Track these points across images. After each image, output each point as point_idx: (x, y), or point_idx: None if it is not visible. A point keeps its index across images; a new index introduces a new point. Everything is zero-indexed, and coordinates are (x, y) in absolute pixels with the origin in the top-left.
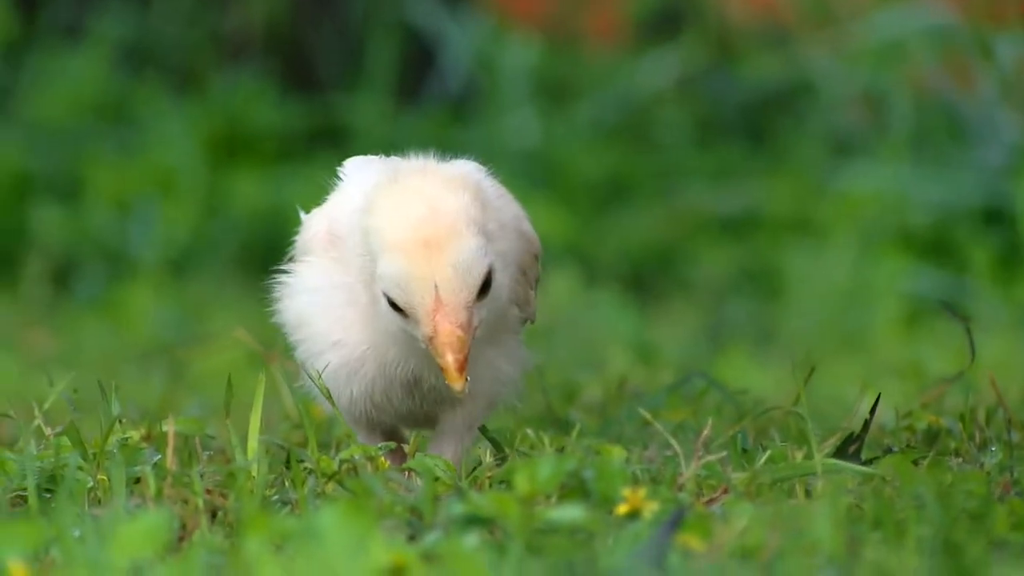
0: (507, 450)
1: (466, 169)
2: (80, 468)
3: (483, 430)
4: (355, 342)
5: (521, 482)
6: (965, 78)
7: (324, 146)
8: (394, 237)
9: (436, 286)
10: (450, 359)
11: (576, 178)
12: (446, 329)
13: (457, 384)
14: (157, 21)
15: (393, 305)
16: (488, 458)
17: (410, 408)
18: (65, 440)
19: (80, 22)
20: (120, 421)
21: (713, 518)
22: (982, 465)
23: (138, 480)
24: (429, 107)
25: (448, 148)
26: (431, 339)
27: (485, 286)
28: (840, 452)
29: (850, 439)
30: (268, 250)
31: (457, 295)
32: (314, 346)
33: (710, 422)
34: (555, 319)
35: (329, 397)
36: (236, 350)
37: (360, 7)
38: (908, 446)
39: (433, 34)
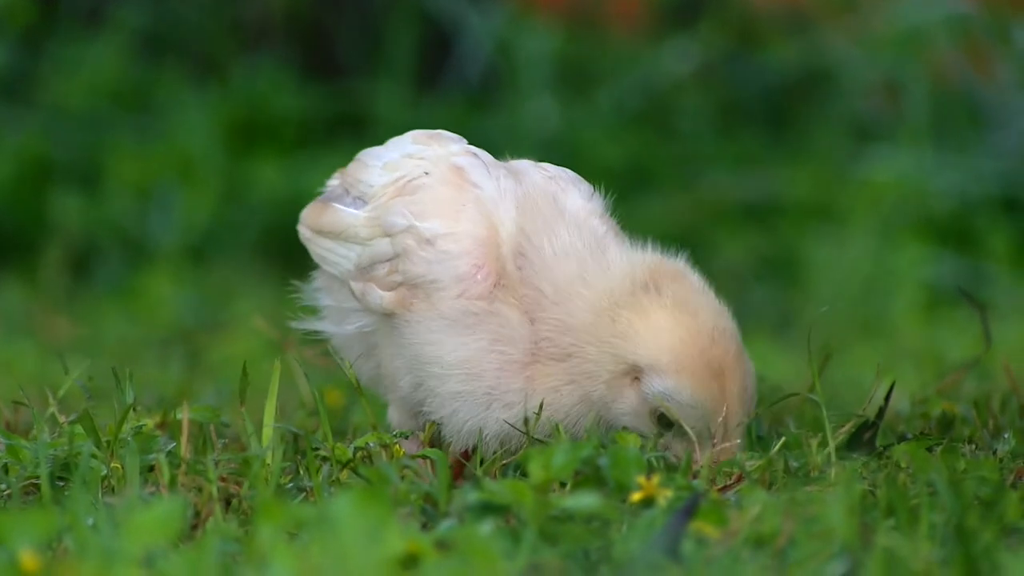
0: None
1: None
2: (94, 456)
3: None
4: (528, 407)
5: (536, 470)
6: (984, 65)
7: (344, 133)
8: (686, 361)
9: (725, 414)
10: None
11: (597, 165)
12: (728, 455)
13: None
14: (177, 8)
15: (662, 421)
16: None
17: None
18: (79, 428)
19: (100, 8)
20: (135, 409)
21: (727, 505)
22: (995, 452)
23: (152, 468)
24: (449, 94)
25: (469, 135)
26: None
27: None
28: (854, 439)
29: (865, 426)
30: (288, 237)
31: (742, 424)
32: (473, 398)
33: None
34: None
35: (356, 383)
36: (253, 337)
37: None
38: (922, 433)
39: (453, 20)
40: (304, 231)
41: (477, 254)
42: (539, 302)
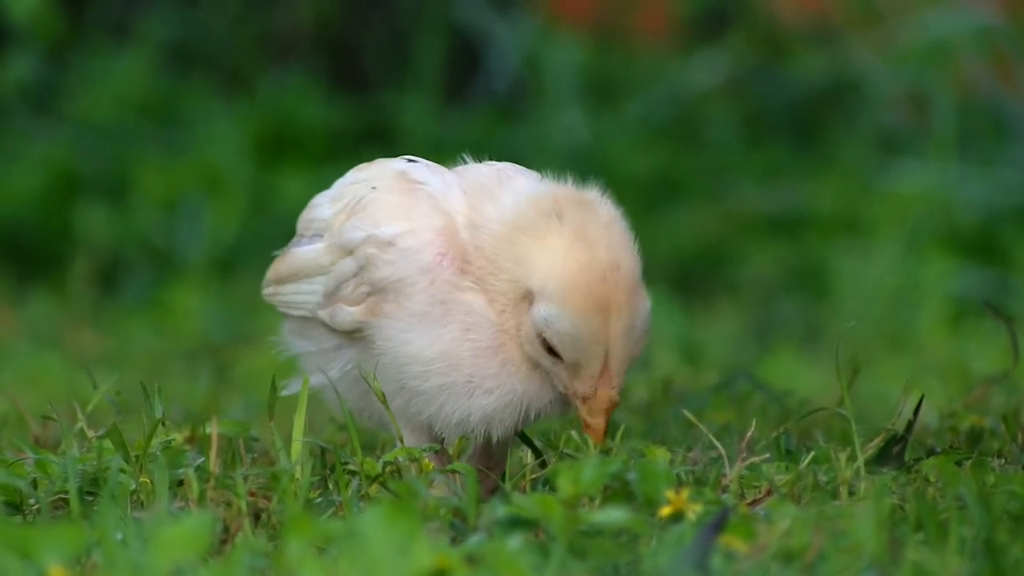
0: (547, 453)
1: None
2: (123, 471)
3: (522, 435)
4: (504, 390)
5: (565, 484)
6: (1010, 77)
7: (371, 145)
8: (572, 292)
9: (607, 351)
10: (601, 422)
11: (624, 177)
12: (605, 395)
13: (600, 443)
14: (204, 20)
15: (548, 347)
16: (530, 459)
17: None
18: (108, 443)
19: (126, 21)
20: (163, 423)
21: (756, 520)
22: None
23: (181, 483)
24: (477, 106)
25: (496, 147)
26: (585, 398)
27: None
28: (883, 453)
29: (893, 440)
30: None
31: (625, 363)
32: (456, 388)
33: (754, 423)
34: None
35: (384, 400)
36: (282, 350)
37: (408, 6)
38: (951, 447)
39: (481, 33)
40: (267, 289)
41: (438, 243)
42: (490, 261)
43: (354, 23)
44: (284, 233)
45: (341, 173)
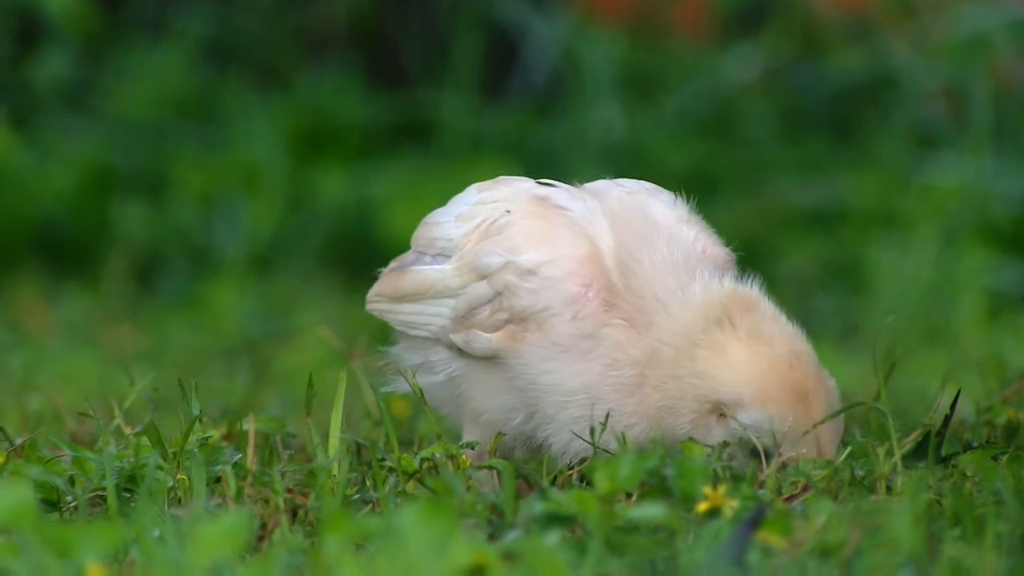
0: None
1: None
2: (160, 468)
3: None
4: (642, 427)
5: (602, 480)
6: None
7: (409, 141)
8: (769, 391)
9: (817, 435)
10: None
11: (661, 172)
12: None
13: None
14: (240, 16)
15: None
16: None
17: None
18: (145, 440)
19: (162, 17)
20: (200, 420)
21: (793, 515)
22: None
23: (218, 479)
24: (514, 101)
25: (534, 142)
26: None
27: None
28: (920, 448)
29: (930, 435)
30: (353, 245)
31: (834, 442)
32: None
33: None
34: None
35: (423, 403)
36: (319, 347)
37: (445, 1)
38: (988, 442)
39: (518, 28)
40: (380, 304)
41: (582, 273)
42: (644, 310)
43: (391, 18)
44: (322, 229)
45: (378, 168)
